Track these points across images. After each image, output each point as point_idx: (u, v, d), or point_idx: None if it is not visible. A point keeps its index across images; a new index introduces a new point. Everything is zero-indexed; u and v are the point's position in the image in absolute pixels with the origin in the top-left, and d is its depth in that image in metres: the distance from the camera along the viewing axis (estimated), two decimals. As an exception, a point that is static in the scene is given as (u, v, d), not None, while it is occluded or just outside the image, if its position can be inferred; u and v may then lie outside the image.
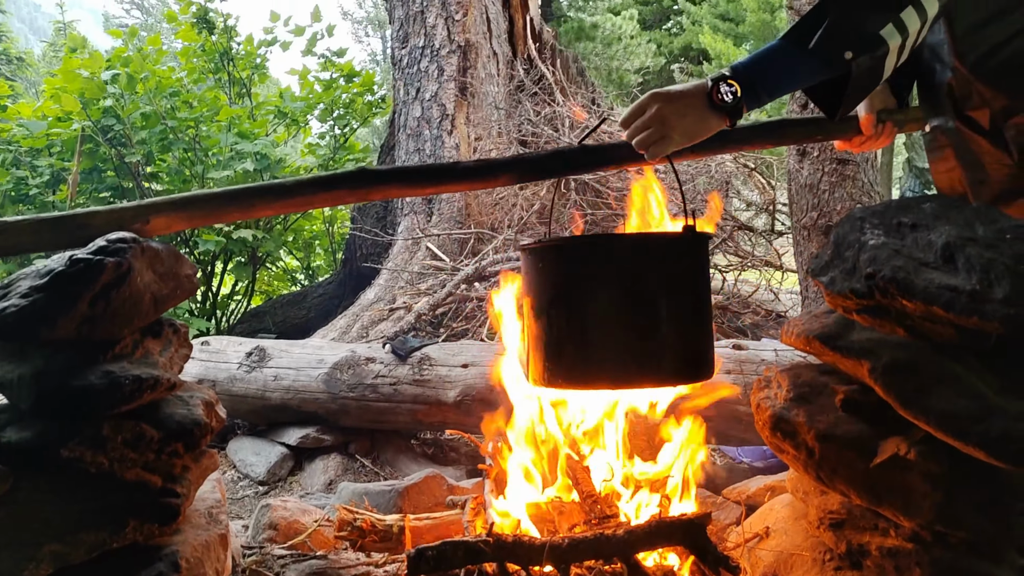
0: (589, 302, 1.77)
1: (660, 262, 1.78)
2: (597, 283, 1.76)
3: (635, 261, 1.76)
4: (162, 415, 1.68)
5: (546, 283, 1.82)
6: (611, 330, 1.76)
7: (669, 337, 1.78)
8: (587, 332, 1.77)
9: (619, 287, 1.75)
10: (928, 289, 1.57)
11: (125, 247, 1.59)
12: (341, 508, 2.27)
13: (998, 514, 1.54)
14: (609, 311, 1.76)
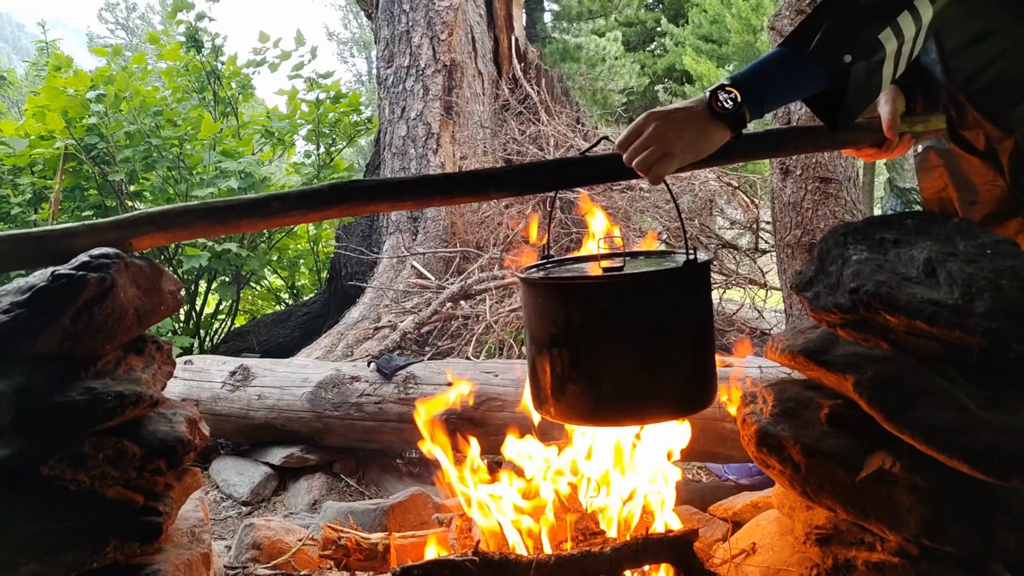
0: (593, 341, 1.72)
1: (665, 298, 1.73)
2: (601, 322, 1.72)
3: (640, 299, 1.71)
4: (144, 432, 1.66)
5: (547, 320, 1.77)
6: (615, 370, 1.72)
7: (675, 373, 1.76)
8: (591, 373, 1.72)
9: (623, 325, 1.71)
10: (911, 303, 1.59)
11: (108, 262, 1.58)
12: (326, 527, 2.25)
13: (983, 527, 1.55)
14: (613, 350, 1.72)
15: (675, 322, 1.76)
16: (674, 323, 1.75)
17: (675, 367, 1.76)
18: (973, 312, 1.53)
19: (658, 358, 1.74)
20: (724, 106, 1.66)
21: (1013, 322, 1.50)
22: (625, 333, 1.71)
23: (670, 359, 1.75)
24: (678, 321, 1.76)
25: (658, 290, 1.73)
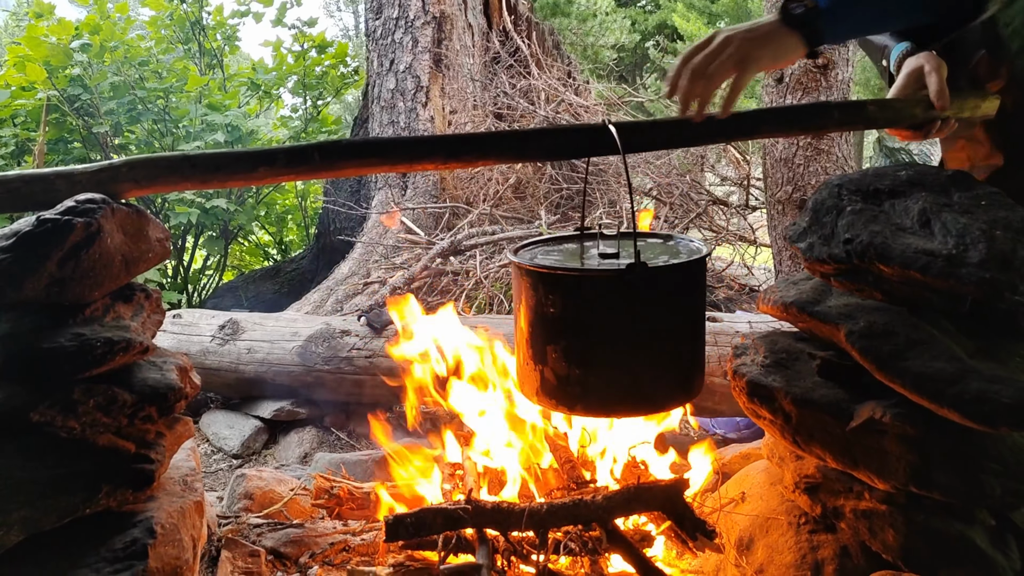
0: (587, 334, 1.72)
1: (662, 292, 1.72)
2: (597, 315, 1.70)
3: (635, 293, 1.68)
4: (135, 379, 1.65)
5: (541, 309, 1.75)
6: (606, 363, 1.73)
7: (668, 367, 1.78)
8: (585, 366, 1.73)
9: (619, 319, 1.70)
10: (905, 254, 1.59)
11: (94, 207, 1.55)
12: (318, 476, 2.26)
13: (970, 475, 1.56)
14: (608, 344, 1.72)
15: (671, 317, 1.76)
16: (670, 318, 1.75)
17: (669, 361, 1.78)
18: (967, 262, 1.53)
19: (653, 352, 1.75)
20: (794, 11, 1.62)
21: (1006, 272, 1.51)
22: (621, 326, 1.71)
23: (664, 353, 1.76)
24: (674, 316, 1.76)
25: (658, 285, 1.72)
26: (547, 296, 1.73)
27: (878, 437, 1.64)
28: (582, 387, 1.74)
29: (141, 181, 1.71)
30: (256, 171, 1.73)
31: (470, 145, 1.81)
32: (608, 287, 1.68)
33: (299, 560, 2.12)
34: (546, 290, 1.73)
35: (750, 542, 1.93)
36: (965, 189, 1.72)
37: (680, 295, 1.78)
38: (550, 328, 1.76)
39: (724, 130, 1.90)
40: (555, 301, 1.72)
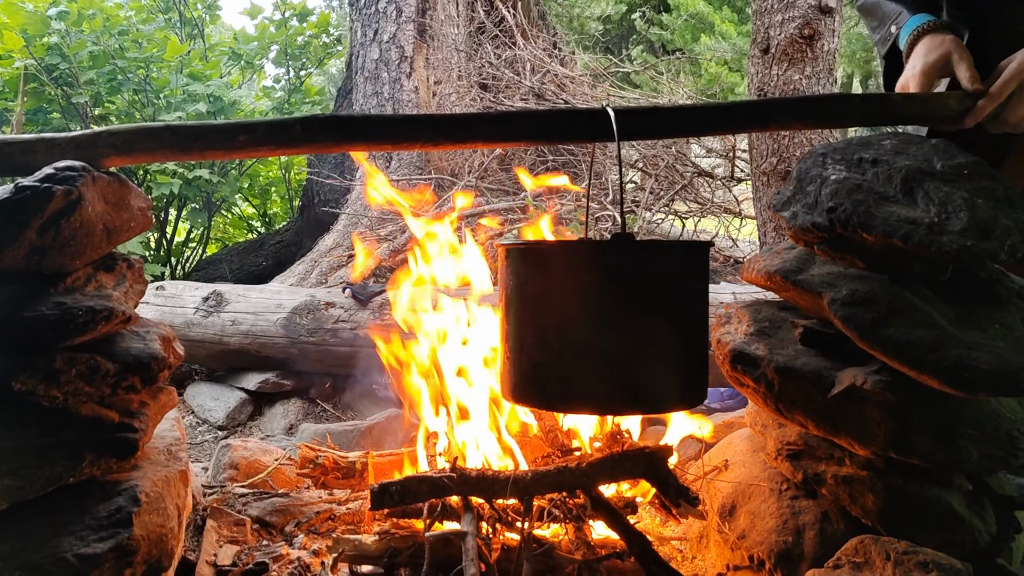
0: (578, 326, 1.57)
1: (651, 274, 1.57)
2: (579, 293, 1.57)
3: (634, 278, 1.54)
4: (117, 349, 1.64)
5: (524, 293, 1.62)
6: (599, 358, 1.55)
7: (662, 366, 1.60)
8: (575, 362, 1.57)
9: (602, 298, 1.56)
10: (888, 222, 1.59)
11: (75, 175, 1.53)
12: (303, 446, 2.26)
13: (948, 440, 1.58)
14: (597, 334, 1.55)
15: (673, 310, 1.60)
16: (669, 311, 1.59)
17: (663, 361, 1.60)
18: (948, 230, 1.54)
19: (648, 350, 1.58)
20: None
21: (987, 240, 1.52)
22: (614, 314, 1.55)
23: (661, 351, 1.59)
24: (677, 308, 1.61)
25: (646, 266, 1.56)
26: (530, 276, 1.61)
27: (859, 404, 1.66)
28: (567, 382, 1.59)
29: (121, 149, 1.69)
30: (236, 142, 1.70)
31: (457, 126, 1.75)
32: (593, 261, 1.57)
33: (285, 529, 2.13)
34: (529, 269, 1.62)
35: (733, 509, 1.96)
36: (948, 158, 1.72)
37: (677, 279, 1.61)
38: (533, 313, 1.62)
39: (734, 120, 1.83)
40: (539, 281, 1.60)
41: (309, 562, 1.96)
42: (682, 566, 2.05)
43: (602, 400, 1.58)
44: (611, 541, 1.95)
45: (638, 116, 1.78)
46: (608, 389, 1.56)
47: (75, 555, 1.49)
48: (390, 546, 1.86)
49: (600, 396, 1.57)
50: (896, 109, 1.70)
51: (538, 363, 1.60)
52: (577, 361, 1.57)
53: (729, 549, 1.97)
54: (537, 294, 1.60)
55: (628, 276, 1.54)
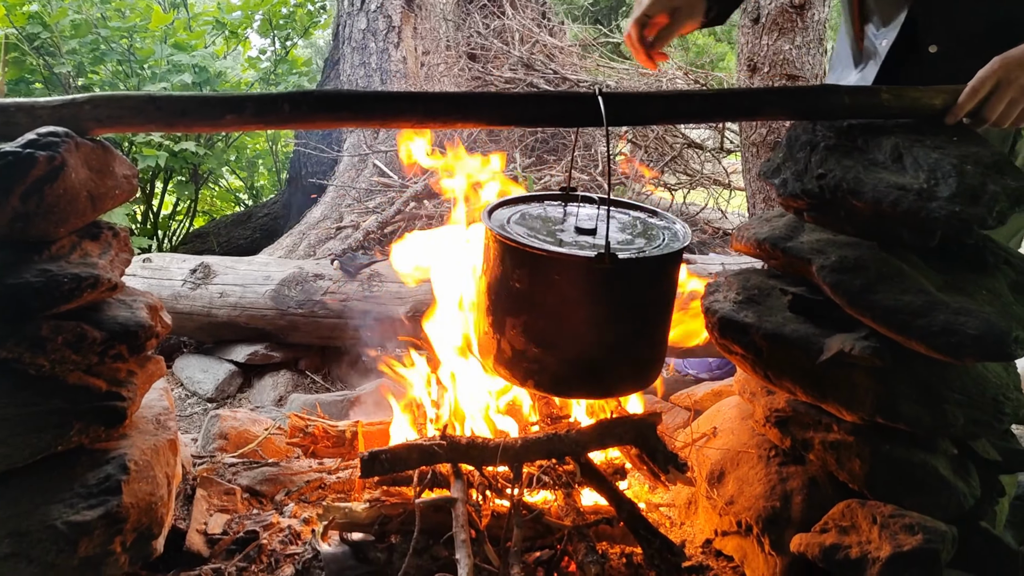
0: (549, 314, 1.71)
1: (630, 282, 1.71)
2: (560, 296, 1.69)
3: (603, 280, 1.67)
4: (104, 317, 1.62)
5: (506, 280, 1.74)
6: (567, 347, 1.73)
7: (627, 356, 1.79)
8: (543, 344, 1.73)
9: (584, 304, 1.70)
10: (877, 188, 1.60)
11: (57, 141, 1.51)
12: (293, 415, 2.26)
13: (934, 405, 1.60)
14: (569, 326, 1.72)
15: (637, 306, 1.75)
16: (635, 307, 1.75)
17: (628, 350, 1.78)
18: (937, 196, 1.54)
19: (613, 340, 1.75)
20: None
21: (975, 206, 1.52)
22: (583, 311, 1.70)
23: (624, 342, 1.77)
24: (640, 306, 1.76)
25: (627, 276, 1.70)
26: (514, 269, 1.71)
27: (847, 370, 1.67)
28: (538, 364, 1.75)
29: (104, 120, 1.66)
30: (223, 119, 1.68)
31: (449, 105, 1.72)
32: (576, 271, 1.66)
33: (275, 498, 2.14)
34: (513, 263, 1.71)
35: (721, 475, 1.97)
36: (938, 125, 1.72)
37: (648, 286, 1.76)
38: (513, 301, 1.75)
39: (722, 109, 1.84)
40: (521, 276, 1.71)
41: (300, 530, 1.97)
42: (670, 532, 2.07)
43: (566, 385, 1.79)
44: (600, 507, 1.97)
45: (629, 101, 1.76)
46: (575, 377, 1.76)
47: (65, 523, 1.49)
48: (380, 513, 1.87)
49: (566, 382, 1.77)
50: (883, 106, 1.71)
51: (517, 349, 1.75)
52: (551, 352, 1.73)
53: (717, 515, 1.99)
54: (523, 291, 1.71)
55: (611, 287, 1.68)
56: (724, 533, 1.98)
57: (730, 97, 1.83)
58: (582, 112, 1.73)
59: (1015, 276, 1.71)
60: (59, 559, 1.48)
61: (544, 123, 1.87)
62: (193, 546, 1.87)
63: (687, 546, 1.99)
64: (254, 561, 1.86)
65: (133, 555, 1.61)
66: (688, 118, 1.87)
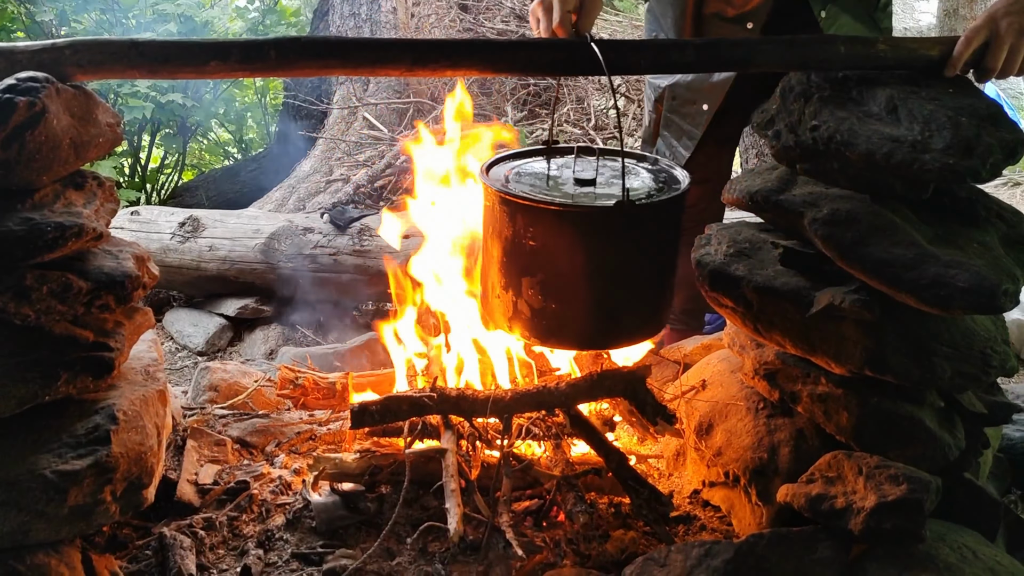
0: (566, 269, 1.72)
1: (646, 228, 1.74)
2: (578, 250, 1.70)
3: (619, 229, 1.70)
4: (90, 267, 1.60)
5: (518, 240, 1.74)
6: (587, 299, 1.76)
7: (645, 301, 1.85)
8: (562, 300, 1.75)
9: (601, 255, 1.72)
10: (871, 139, 1.58)
11: (37, 86, 1.47)
12: (283, 367, 2.26)
13: (923, 357, 1.60)
14: (587, 279, 1.73)
15: (652, 252, 1.79)
16: (651, 253, 1.79)
17: (646, 295, 1.84)
18: (931, 148, 1.53)
19: (632, 288, 1.79)
20: None
21: (968, 158, 1.51)
22: (600, 262, 1.72)
23: (641, 288, 1.82)
24: (655, 251, 1.80)
25: (642, 222, 1.72)
26: (527, 228, 1.71)
27: (836, 323, 1.67)
28: (557, 321, 1.77)
29: (85, 65, 1.62)
30: (208, 65, 1.63)
31: (439, 52, 1.69)
32: (592, 223, 1.68)
33: (265, 449, 2.15)
34: (526, 221, 1.71)
35: (709, 427, 1.99)
36: (934, 77, 1.71)
37: (661, 230, 1.80)
38: (527, 260, 1.75)
39: (715, 59, 1.81)
40: (535, 234, 1.71)
41: (290, 480, 1.98)
42: (659, 482, 2.09)
43: (590, 338, 1.85)
44: (590, 458, 1.98)
45: (622, 50, 1.74)
46: (596, 329, 1.81)
47: (53, 471, 1.49)
48: (371, 464, 1.87)
49: (589, 335, 1.83)
50: (880, 57, 1.70)
51: (535, 308, 1.77)
52: (572, 307, 1.76)
53: (705, 466, 2.01)
54: (538, 248, 1.72)
55: (628, 235, 1.71)
56: (712, 484, 2.00)
57: (724, 47, 1.80)
58: (573, 61, 1.71)
59: (1007, 229, 1.71)
60: (49, 508, 1.48)
61: (535, 71, 1.84)
62: (184, 496, 1.88)
63: (675, 496, 2.01)
64: (245, 510, 1.88)
65: (124, 504, 1.61)
66: (680, 68, 1.85)
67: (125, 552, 1.74)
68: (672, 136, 2.46)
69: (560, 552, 1.74)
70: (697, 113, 2.38)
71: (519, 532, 1.75)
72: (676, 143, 2.45)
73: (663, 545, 1.75)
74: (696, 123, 2.39)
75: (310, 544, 1.79)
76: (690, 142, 2.41)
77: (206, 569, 1.72)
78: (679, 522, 1.93)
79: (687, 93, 2.38)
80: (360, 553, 1.73)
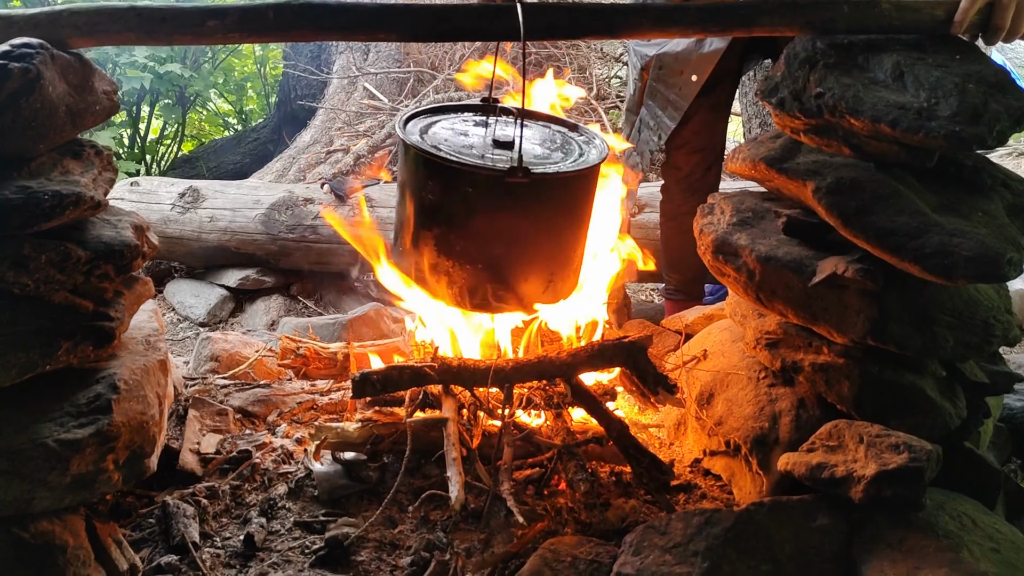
0: (459, 226, 1.73)
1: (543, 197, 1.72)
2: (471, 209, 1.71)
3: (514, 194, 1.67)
4: (89, 236, 1.60)
5: (420, 192, 1.75)
6: (478, 260, 1.76)
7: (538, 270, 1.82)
8: (454, 257, 1.76)
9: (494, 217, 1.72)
10: (876, 106, 1.56)
11: (32, 52, 1.45)
12: (284, 337, 2.26)
13: (925, 327, 1.60)
14: (479, 239, 1.74)
15: (549, 221, 1.77)
16: (548, 222, 1.77)
17: (539, 265, 1.81)
18: (937, 115, 1.51)
19: (525, 254, 1.78)
20: None
21: (975, 126, 1.49)
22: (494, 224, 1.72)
23: (536, 256, 1.80)
24: (552, 221, 1.78)
25: (539, 190, 1.70)
26: (427, 180, 1.71)
27: (839, 292, 1.66)
28: (448, 277, 1.77)
29: (82, 27, 1.60)
30: (205, 26, 1.62)
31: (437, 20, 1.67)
32: (487, 184, 1.66)
33: (267, 419, 2.15)
34: (426, 174, 1.71)
35: (711, 396, 1.99)
36: (941, 43, 1.68)
37: (561, 202, 1.77)
38: (426, 213, 1.75)
39: (717, 23, 1.75)
40: (434, 187, 1.71)
41: (292, 450, 1.99)
42: (660, 451, 2.09)
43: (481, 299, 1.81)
44: (591, 427, 1.99)
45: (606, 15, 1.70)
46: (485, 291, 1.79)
47: (56, 440, 1.49)
48: (372, 433, 1.88)
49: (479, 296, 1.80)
50: (885, 17, 1.65)
51: (430, 263, 1.78)
52: (462, 265, 1.76)
53: (706, 435, 2.01)
54: (436, 203, 1.72)
55: (524, 202, 1.70)
56: (712, 453, 2.00)
57: (725, 10, 1.77)
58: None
59: (1012, 198, 1.69)
60: (51, 476, 1.48)
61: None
62: (187, 465, 1.89)
63: (676, 465, 2.02)
64: (247, 479, 1.88)
65: (126, 473, 1.62)
66: (680, 30, 1.82)
67: (128, 520, 1.75)
68: (657, 106, 2.44)
69: (561, 520, 1.74)
70: (685, 83, 2.35)
71: (520, 500, 1.75)
72: (661, 113, 2.42)
73: (664, 513, 1.75)
74: (683, 94, 2.36)
75: (312, 512, 1.80)
76: (676, 113, 2.39)
77: (209, 537, 1.73)
78: (680, 491, 1.93)
79: (675, 63, 2.35)
80: (362, 521, 1.73)
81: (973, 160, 1.72)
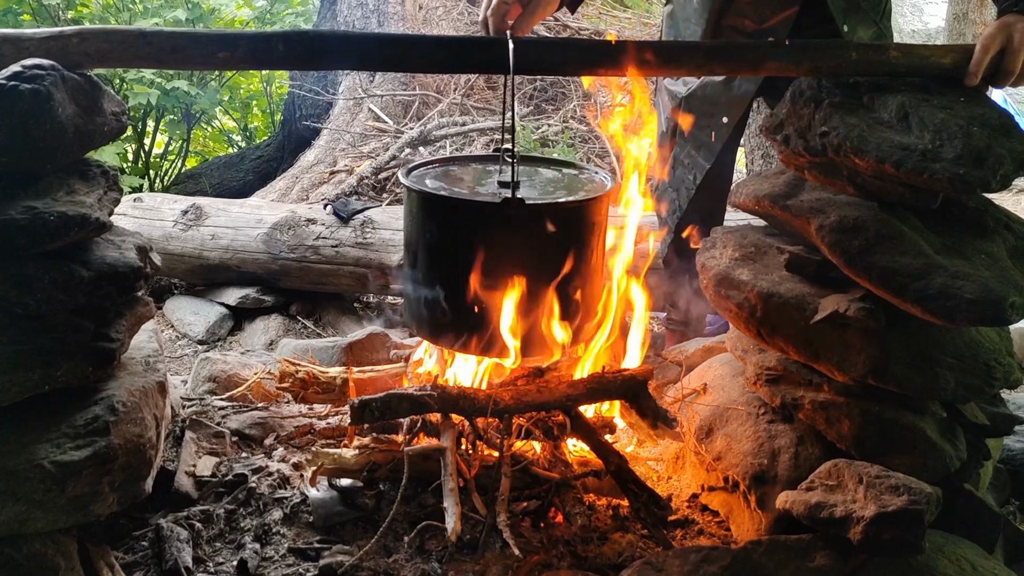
0: (456, 263, 1.78)
1: (541, 230, 1.74)
2: (467, 244, 1.76)
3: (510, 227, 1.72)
4: (92, 257, 1.60)
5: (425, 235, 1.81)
6: (476, 300, 1.78)
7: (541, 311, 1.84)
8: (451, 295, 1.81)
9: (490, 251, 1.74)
10: (881, 147, 1.57)
11: (43, 74, 1.46)
12: (283, 360, 2.25)
13: (927, 368, 1.60)
14: (478, 275, 1.76)
15: (549, 257, 1.79)
16: (548, 258, 1.79)
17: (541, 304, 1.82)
18: (941, 157, 1.52)
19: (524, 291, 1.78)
20: None
21: (979, 169, 1.50)
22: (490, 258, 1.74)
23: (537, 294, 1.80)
24: (553, 257, 1.79)
25: (537, 223, 1.72)
26: (425, 220, 1.79)
27: (840, 330, 1.66)
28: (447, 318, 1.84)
29: (92, 54, 1.61)
30: (215, 57, 1.63)
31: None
32: (481, 217, 1.69)
33: (264, 442, 2.14)
34: (425, 214, 1.78)
35: (710, 431, 1.98)
36: (946, 85, 1.69)
37: (561, 235, 1.76)
38: (429, 253, 1.82)
39: (726, 63, 1.79)
40: (431, 227, 1.78)
41: (289, 475, 1.98)
42: (657, 486, 2.08)
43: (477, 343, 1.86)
44: (589, 460, 1.98)
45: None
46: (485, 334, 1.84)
47: (52, 462, 1.48)
48: (370, 460, 1.87)
49: (478, 340, 1.86)
50: (891, 65, 1.67)
51: (437, 305, 1.84)
52: (461, 304, 1.80)
53: (704, 470, 2.00)
54: (436, 242, 1.79)
55: (516, 233, 1.73)
56: (711, 488, 1.99)
57: (734, 50, 1.79)
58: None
59: (1015, 241, 1.70)
60: (47, 498, 1.48)
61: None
62: (182, 487, 1.88)
63: (674, 500, 2.01)
64: (243, 504, 1.87)
65: (121, 495, 1.61)
66: (688, 70, 1.84)
67: (121, 543, 1.74)
68: (691, 146, 2.42)
69: (558, 553, 1.73)
70: (717, 126, 2.34)
71: (517, 532, 1.74)
72: (696, 153, 2.41)
73: (661, 549, 1.74)
74: (717, 135, 2.35)
75: (307, 539, 1.79)
76: (710, 154, 2.37)
77: (202, 562, 1.71)
78: (677, 526, 1.92)
79: (703, 106, 2.35)
80: (357, 550, 1.72)
81: (976, 202, 1.73)
